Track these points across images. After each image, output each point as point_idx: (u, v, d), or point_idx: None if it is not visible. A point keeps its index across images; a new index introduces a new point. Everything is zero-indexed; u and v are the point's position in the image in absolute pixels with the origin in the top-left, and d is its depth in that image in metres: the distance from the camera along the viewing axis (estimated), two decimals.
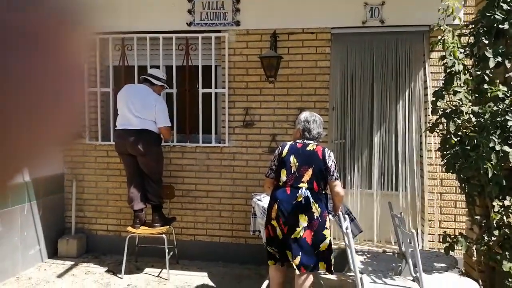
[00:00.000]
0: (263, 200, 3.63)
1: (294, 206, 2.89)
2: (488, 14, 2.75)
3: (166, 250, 4.05)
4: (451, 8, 2.85)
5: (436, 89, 3.04)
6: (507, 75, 2.83)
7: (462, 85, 2.86)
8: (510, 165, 2.65)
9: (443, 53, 2.94)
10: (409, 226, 4.17)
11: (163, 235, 4.06)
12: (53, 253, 4.63)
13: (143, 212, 4.16)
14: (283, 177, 2.96)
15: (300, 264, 2.87)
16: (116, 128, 4.06)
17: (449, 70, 2.87)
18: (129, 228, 4.12)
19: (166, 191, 4.38)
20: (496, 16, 2.73)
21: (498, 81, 2.80)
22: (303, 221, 2.87)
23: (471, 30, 2.96)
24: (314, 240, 2.88)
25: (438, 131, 3.03)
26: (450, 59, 2.86)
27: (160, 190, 4.20)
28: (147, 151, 3.92)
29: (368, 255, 3.49)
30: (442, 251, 3.05)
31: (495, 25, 2.74)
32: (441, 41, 2.90)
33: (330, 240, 2.95)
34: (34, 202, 4.32)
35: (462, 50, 2.92)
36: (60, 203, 4.79)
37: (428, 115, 4.03)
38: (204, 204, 4.57)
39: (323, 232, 2.90)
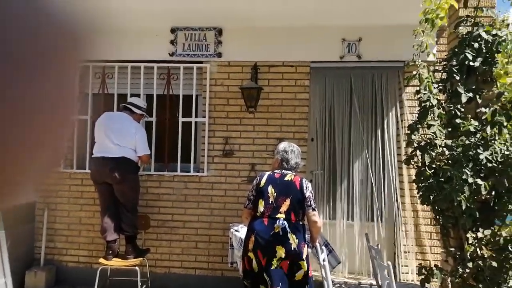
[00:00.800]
0: (241, 231, 3.58)
1: (272, 237, 2.85)
2: (460, 52, 2.89)
3: (139, 283, 3.90)
4: (425, 44, 2.97)
5: (411, 122, 3.13)
6: (478, 110, 2.94)
7: (436, 118, 2.95)
8: (483, 197, 2.71)
9: (418, 88, 3.04)
10: (386, 257, 4.16)
11: (136, 268, 3.92)
12: (20, 287, 4.40)
13: (116, 243, 4.03)
14: (261, 208, 2.94)
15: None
16: (93, 156, 3.98)
17: (423, 104, 2.97)
18: (101, 260, 3.97)
19: (141, 221, 4.27)
20: (467, 54, 2.86)
21: (469, 115, 2.90)
22: (281, 252, 2.83)
23: (444, 66, 3.08)
24: (290, 270, 2.84)
25: (413, 163, 3.09)
26: (425, 93, 2.95)
27: (136, 220, 4.09)
28: (124, 179, 3.86)
29: None
30: (418, 283, 3.04)
31: (466, 62, 2.87)
32: (417, 76, 3.00)
33: (306, 272, 2.91)
34: (1, 232, 4.14)
35: (436, 85, 3.02)
36: (30, 233, 4.61)
37: (404, 147, 4.12)
38: (180, 235, 4.47)
39: (299, 263, 2.86)
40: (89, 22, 0.36)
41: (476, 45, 2.86)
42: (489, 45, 2.83)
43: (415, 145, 3.04)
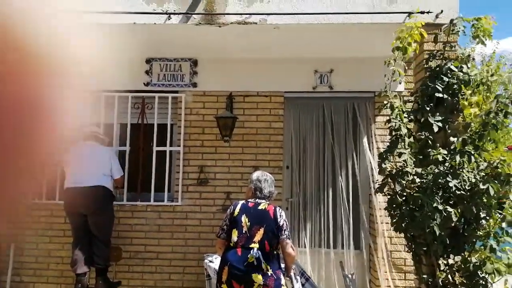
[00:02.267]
0: (215, 262, 3.52)
1: (246, 267, 2.81)
2: (430, 84, 3.02)
3: None
4: (397, 72, 3.07)
5: (382, 150, 3.20)
6: (446, 139, 3.04)
7: (406, 147, 3.03)
8: (452, 224, 2.77)
9: (388, 117, 3.13)
10: (361, 285, 4.15)
11: None
12: None
13: (86, 276, 3.88)
14: (234, 237, 2.91)
15: None
16: (66, 187, 3.87)
17: (394, 133, 3.04)
18: None
19: (113, 253, 4.15)
20: (437, 86, 2.99)
21: (438, 144, 3.00)
22: (258, 280, 2.79)
23: (416, 97, 3.20)
24: None
25: (385, 191, 3.14)
26: (396, 122, 3.02)
27: (108, 252, 3.98)
28: (100, 209, 3.81)
29: None
30: None
31: (435, 94, 3.00)
32: (388, 105, 3.09)
33: None
34: None
35: (407, 115, 3.12)
36: None
37: (375, 175, 4.20)
38: (153, 266, 4.35)
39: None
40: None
41: (445, 78, 3.00)
42: (458, 79, 2.97)
43: (387, 173, 3.11)
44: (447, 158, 2.89)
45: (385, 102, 3.15)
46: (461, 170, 2.81)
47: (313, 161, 4.50)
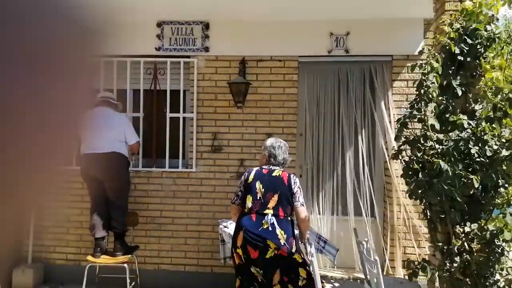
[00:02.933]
0: (229, 227, 3.57)
1: (260, 232, 2.84)
2: (452, 46, 2.87)
3: (128, 281, 3.87)
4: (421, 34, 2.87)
5: (399, 116, 3.11)
6: (468, 105, 2.93)
7: (433, 111, 2.92)
8: (470, 192, 2.72)
9: (412, 80, 2.97)
10: (374, 252, 4.17)
11: (125, 265, 3.89)
12: (7, 285, 4.34)
13: (105, 240, 3.98)
14: (249, 204, 2.92)
15: (282, 276, 2.81)
16: (83, 153, 3.91)
17: (423, 97, 2.86)
18: (89, 257, 3.92)
19: (130, 218, 4.23)
20: (459, 48, 2.84)
21: (459, 110, 2.89)
22: (273, 245, 2.82)
23: (437, 60, 3.04)
24: (288, 255, 2.83)
25: (401, 158, 3.08)
26: (433, 84, 2.82)
27: (125, 217, 4.06)
28: (116, 175, 3.84)
29: (335, 284, 3.46)
30: (406, 277, 3.06)
31: (458, 56, 2.86)
32: (424, 65, 2.88)
33: (302, 260, 2.90)
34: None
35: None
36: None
37: (392, 142, 4.12)
38: (169, 231, 4.44)
39: (294, 257, 2.86)
40: (102, 16, 0.34)
41: (469, 40, 2.85)
42: (482, 40, 2.82)
43: (403, 139, 3.03)
44: (472, 124, 2.79)
45: (419, 62, 2.99)
46: (484, 136, 2.71)
47: (328, 128, 4.43)
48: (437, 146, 2.82)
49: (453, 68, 2.92)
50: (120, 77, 4.52)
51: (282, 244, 2.83)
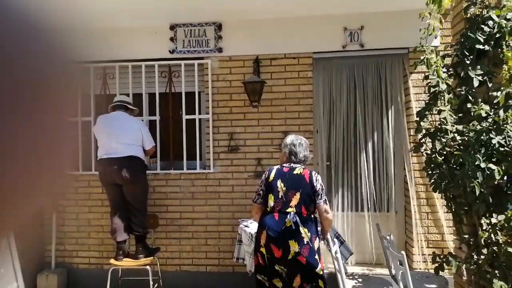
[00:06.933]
0: (250, 226, 3.56)
1: (283, 231, 2.83)
2: (471, 35, 2.83)
3: (151, 282, 3.90)
4: (432, 26, 2.91)
5: (419, 109, 3.08)
6: (490, 93, 2.88)
7: (446, 104, 2.90)
8: (495, 182, 2.67)
9: (424, 74, 2.98)
10: (398, 247, 4.13)
11: (147, 267, 3.92)
12: None
13: (126, 244, 4.02)
14: (271, 202, 2.91)
15: (302, 282, 2.81)
16: (100, 158, 3.95)
17: (433, 90, 2.90)
18: (112, 261, 3.96)
19: (150, 220, 4.26)
20: (478, 37, 2.80)
21: (480, 100, 2.85)
22: (294, 247, 2.81)
23: (455, 49, 3.02)
24: (308, 264, 2.82)
25: (422, 150, 3.04)
26: (434, 78, 2.88)
27: (145, 219, 4.09)
28: (134, 179, 3.86)
29: (358, 279, 3.43)
30: (432, 271, 3.02)
31: (476, 46, 2.82)
32: (425, 60, 2.93)
33: (322, 272, 2.89)
34: (11, 236, 4.13)
35: (445, 70, 2.97)
36: (40, 237, 4.61)
37: (411, 135, 4.08)
38: (189, 232, 4.46)
39: (315, 258, 2.85)
40: (77, 27, 0.34)
41: (486, 28, 2.81)
42: (501, 28, 2.77)
43: (424, 132, 3.00)
44: (491, 114, 2.74)
45: (421, 57, 2.99)
46: (505, 125, 2.67)
47: (345, 124, 4.40)
48: (457, 137, 2.79)
49: (471, 57, 2.88)
50: (135, 82, 4.56)
51: (305, 242, 2.81)
